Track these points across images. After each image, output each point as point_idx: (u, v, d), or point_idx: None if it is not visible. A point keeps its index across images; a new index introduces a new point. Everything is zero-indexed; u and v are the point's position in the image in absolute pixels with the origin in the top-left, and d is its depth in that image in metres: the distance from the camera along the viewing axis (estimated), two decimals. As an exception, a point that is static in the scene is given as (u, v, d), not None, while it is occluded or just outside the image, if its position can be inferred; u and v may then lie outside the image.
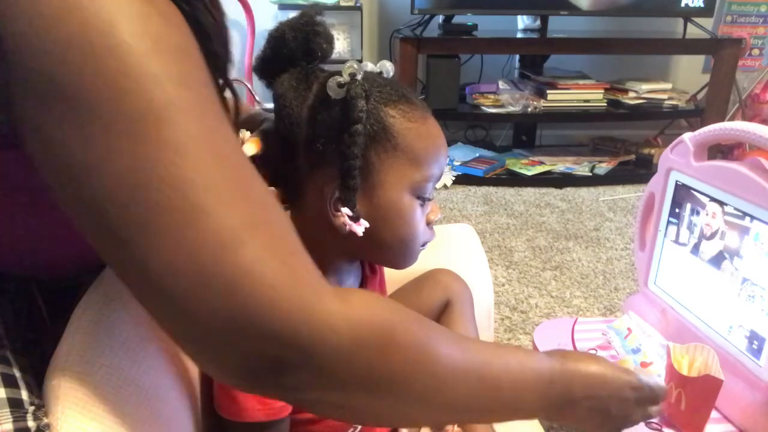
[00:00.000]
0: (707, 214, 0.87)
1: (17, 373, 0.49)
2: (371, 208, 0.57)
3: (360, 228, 0.56)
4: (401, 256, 0.62)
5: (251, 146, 0.59)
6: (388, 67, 0.60)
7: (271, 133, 0.60)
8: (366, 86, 0.54)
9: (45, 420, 0.45)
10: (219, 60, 0.46)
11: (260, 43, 0.73)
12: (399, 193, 0.57)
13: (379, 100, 0.56)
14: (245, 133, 0.60)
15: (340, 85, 0.54)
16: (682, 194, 0.92)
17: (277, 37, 0.56)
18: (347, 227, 0.56)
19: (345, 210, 0.55)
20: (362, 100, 0.53)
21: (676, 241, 0.94)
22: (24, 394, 0.47)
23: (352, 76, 0.54)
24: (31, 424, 0.44)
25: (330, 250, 0.60)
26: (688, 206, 0.91)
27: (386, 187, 0.57)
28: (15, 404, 0.46)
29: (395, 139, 0.55)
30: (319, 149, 0.55)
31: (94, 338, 0.50)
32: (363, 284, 0.68)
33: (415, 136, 0.56)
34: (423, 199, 0.59)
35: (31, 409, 0.46)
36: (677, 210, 0.94)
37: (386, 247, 0.60)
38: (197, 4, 0.42)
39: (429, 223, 0.62)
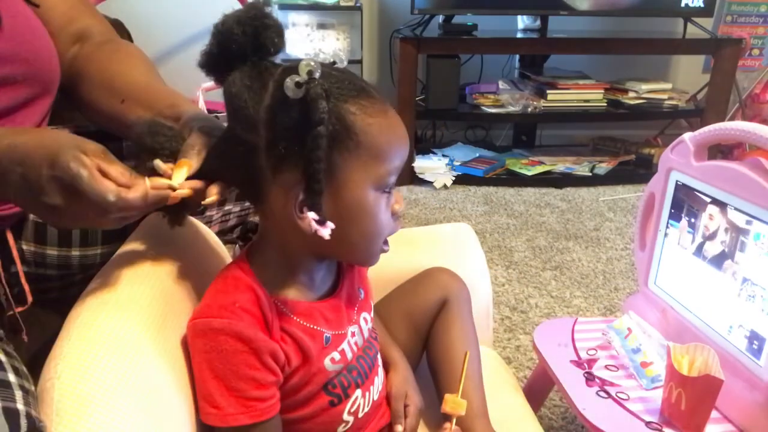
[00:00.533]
0: (707, 215, 0.87)
1: (2, 358, 0.49)
2: (337, 209, 0.55)
3: (326, 231, 0.54)
4: (366, 252, 0.61)
5: (182, 171, 0.56)
6: (341, 56, 0.59)
7: (225, 137, 0.58)
8: (325, 85, 0.52)
9: (36, 412, 0.45)
10: None
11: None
12: (364, 191, 0.56)
13: (338, 97, 0.53)
14: (165, 165, 0.56)
15: (298, 85, 0.51)
16: (683, 194, 0.92)
17: (224, 32, 0.53)
18: (313, 230, 0.54)
19: (311, 214, 0.54)
20: (323, 101, 0.51)
21: (676, 242, 0.94)
22: (11, 377, 0.47)
23: (310, 74, 0.51)
24: (20, 407, 0.44)
25: (297, 250, 0.60)
26: (688, 206, 0.91)
27: (350, 187, 0.55)
28: (2, 384, 0.46)
29: (357, 136, 0.54)
30: (281, 152, 0.53)
31: (89, 339, 0.50)
32: (339, 279, 0.67)
33: (376, 131, 0.55)
34: (387, 192, 0.58)
35: (20, 393, 0.46)
36: (677, 210, 0.94)
37: (353, 244, 0.59)
38: None
39: (394, 214, 0.60)
